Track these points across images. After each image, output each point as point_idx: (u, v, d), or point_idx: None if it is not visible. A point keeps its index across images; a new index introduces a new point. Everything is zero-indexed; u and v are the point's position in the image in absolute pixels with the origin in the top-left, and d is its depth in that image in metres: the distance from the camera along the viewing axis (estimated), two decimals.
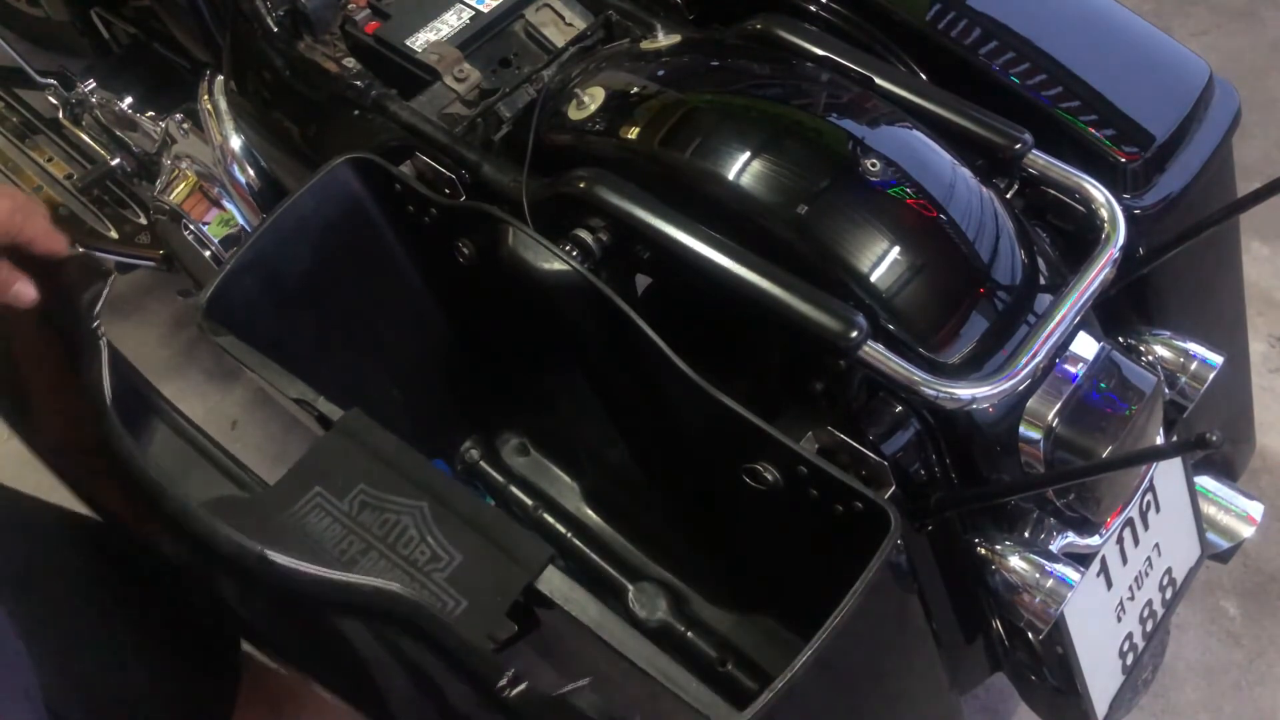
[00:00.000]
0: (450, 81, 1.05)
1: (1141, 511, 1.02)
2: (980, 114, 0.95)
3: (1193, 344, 1.04)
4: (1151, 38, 1.09)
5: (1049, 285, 0.89)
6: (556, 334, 0.93)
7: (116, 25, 1.57)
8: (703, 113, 0.92)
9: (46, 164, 1.70)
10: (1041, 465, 0.88)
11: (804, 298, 0.80)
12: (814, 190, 0.86)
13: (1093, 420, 0.86)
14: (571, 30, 1.10)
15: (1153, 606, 1.07)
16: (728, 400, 0.79)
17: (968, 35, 1.04)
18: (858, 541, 0.73)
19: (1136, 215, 0.98)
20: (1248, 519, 1.16)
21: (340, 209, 0.96)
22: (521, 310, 0.94)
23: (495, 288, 0.91)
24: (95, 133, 1.56)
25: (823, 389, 0.86)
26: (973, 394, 0.81)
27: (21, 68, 1.58)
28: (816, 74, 0.97)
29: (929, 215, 0.87)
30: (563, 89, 0.99)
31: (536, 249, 0.86)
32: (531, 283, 0.86)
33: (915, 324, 0.84)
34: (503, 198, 0.94)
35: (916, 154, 0.90)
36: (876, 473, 0.84)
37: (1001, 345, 0.85)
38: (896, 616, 0.88)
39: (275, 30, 1.11)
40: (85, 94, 1.52)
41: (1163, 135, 1.01)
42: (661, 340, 0.81)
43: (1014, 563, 0.90)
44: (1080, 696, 1.00)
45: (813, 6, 1.09)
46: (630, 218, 0.86)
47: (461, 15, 1.10)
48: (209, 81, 1.26)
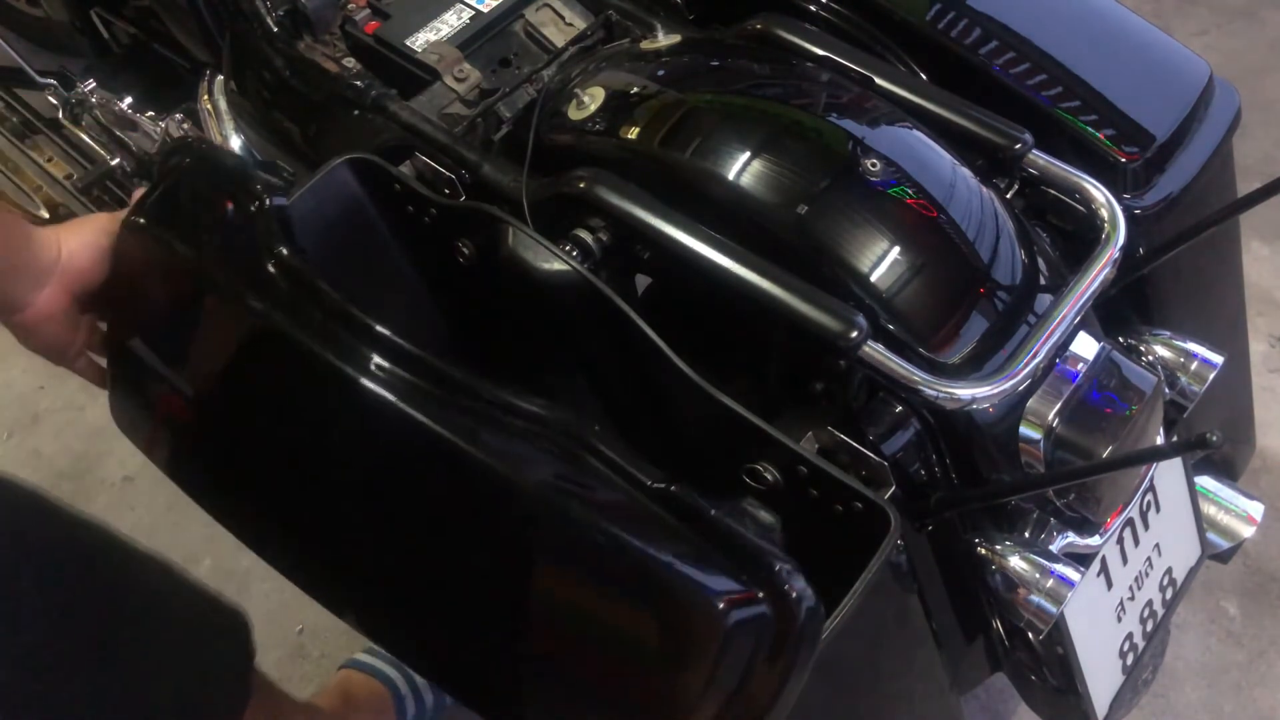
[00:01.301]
0: (450, 81, 1.05)
1: (1142, 511, 1.02)
2: (980, 114, 0.95)
3: (1193, 344, 1.04)
4: (1151, 38, 1.09)
5: (1049, 285, 0.89)
6: (556, 334, 0.93)
7: (116, 25, 1.57)
8: (703, 113, 0.92)
9: (46, 164, 1.70)
10: (1041, 465, 0.88)
11: (804, 298, 0.80)
12: (814, 190, 0.86)
13: (1093, 420, 0.86)
14: (571, 30, 1.10)
15: (1153, 606, 1.07)
16: (728, 400, 0.79)
17: (968, 35, 1.04)
18: (858, 542, 0.73)
19: (1136, 215, 0.98)
20: (1248, 519, 1.16)
21: (340, 209, 0.96)
22: (521, 310, 0.94)
23: (495, 288, 0.91)
24: (95, 133, 1.56)
25: (823, 389, 0.86)
26: (973, 394, 0.81)
27: (21, 68, 1.57)
28: (816, 74, 0.97)
29: (929, 215, 0.87)
30: (563, 89, 0.99)
31: (536, 249, 0.86)
32: (531, 283, 0.86)
33: (915, 324, 0.84)
34: (503, 198, 0.94)
35: (916, 154, 0.90)
36: (876, 473, 0.83)
37: (1001, 345, 0.85)
38: (896, 616, 0.88)
39: (275, 30, 1.11)
40: (85, 94, 1.51)
41: (1163, 135, 1.01)
42: (661, 340, 0.81)
43: (1014, 563, 0.90)
44: (1080, 696, 1.00)
45: (813, 6, 1.09)
46: (630, 218, 0.86)
47: (461, 15, 1.10)
48: (209, 81, 1.26)
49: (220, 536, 1.69)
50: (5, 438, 1.85)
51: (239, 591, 1.66)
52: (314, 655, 1.60)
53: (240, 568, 1.67)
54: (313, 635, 1.61)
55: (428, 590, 0.79)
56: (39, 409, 1.88)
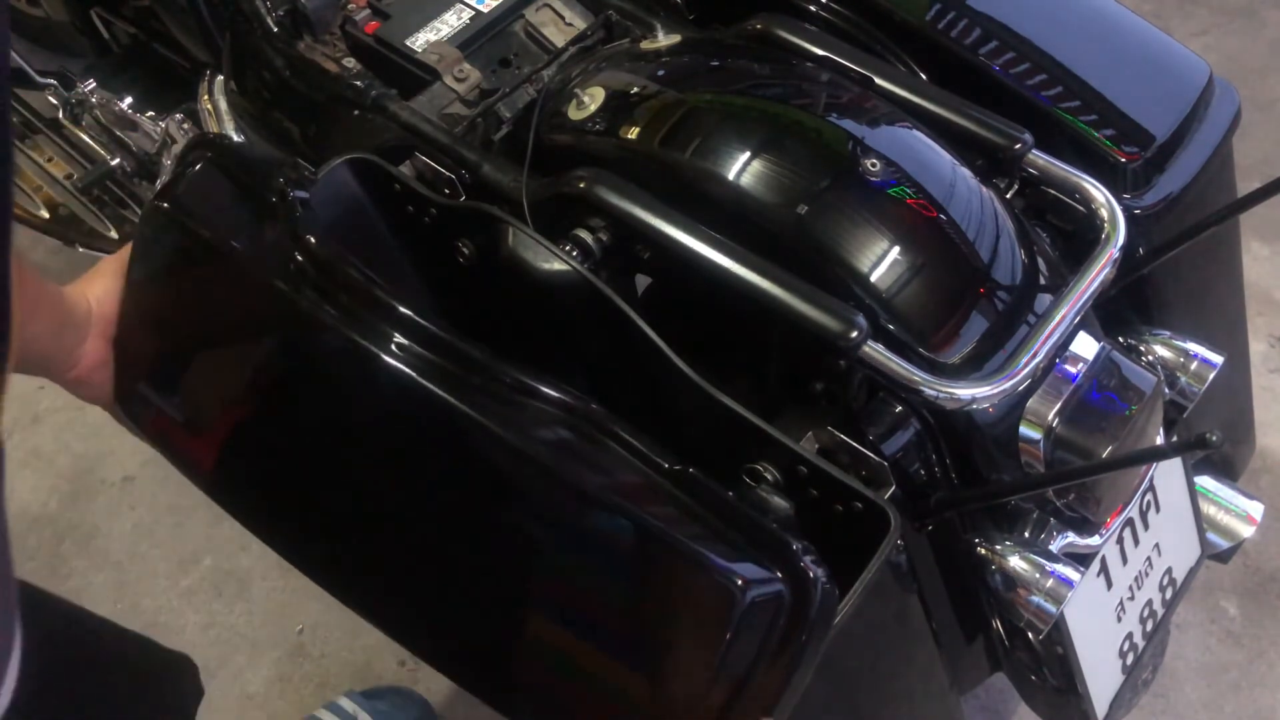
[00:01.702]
0: (450, 81, 1.05)
1: (1141, 511, 1.02)
2: (980, 114, 0.95)
3: (1193, 344, 1.04)
4: (1151, 38, 1.09)
5: (1049, 285, 0.89)
6: (556, 334, 0.93)
7: (116, 25, 1.57)
8: (703, 113, 0.92)
9: (46, 164, 1.70)
10: (1041, 465, 0.88)
11: (804, 298, 0.80)
12: (814, 190, 0.86)
13: (1093, 420, 0.86)
14: (571, 30, 1.10)
15: (1153, 606, 1.07)
16: (728, 400, 0.79)
17: (968, 35, 1.04)
18: (858, 541, 0.73)
19: (1136, 215, 0.98)
20: (1248, 519, 1.16)
21: (340, 209, 0.96)
22: (522, 310, 0.94)
23: (495, 288, 0.91)
24: (95, 133, 1.56)
25: (823, 389, 0.86)
26: (973, 394, 0.81)
27: (21, 68, 1.57)
28: (816, 74, 0.97)
29: (929, 215, 0.87)
30: (563, 89, 0.99)
31: (536, 249, 0.86)
32: (531, 283, 0.86)
33: (915, 324, 0.84)
34: (503, 198, 0.94)
35: (916, 154, 0.90)
36: (876, 473, 0.83)
37: (1001, 345, 0.85)
38: (896, 616, 0.88)
39: (275, 30, 1.11)
40: (85, 94, 1.51)
41: (1163, 135, 1.01)
42: (661, 340, 0.81)
43: (1014, 563, 0.90)
44: (1080, 696, 1.00)
45: (813, 6, 1.09)
46: (630, 218, 0.86)
47: (461, 15, 1.10)
48: (209, 81, 1.26)
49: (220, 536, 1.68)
50: (5, 438, 1.85)
51: (239, 591, 1.66)
52: (314, 655, 1.60)
53: (240, 567, 1.67)
54: (313, 635, 1.61)
55: (447, 573, 0.80)
56: (39, 409, 1.89)
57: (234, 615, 1.64)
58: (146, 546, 1.72)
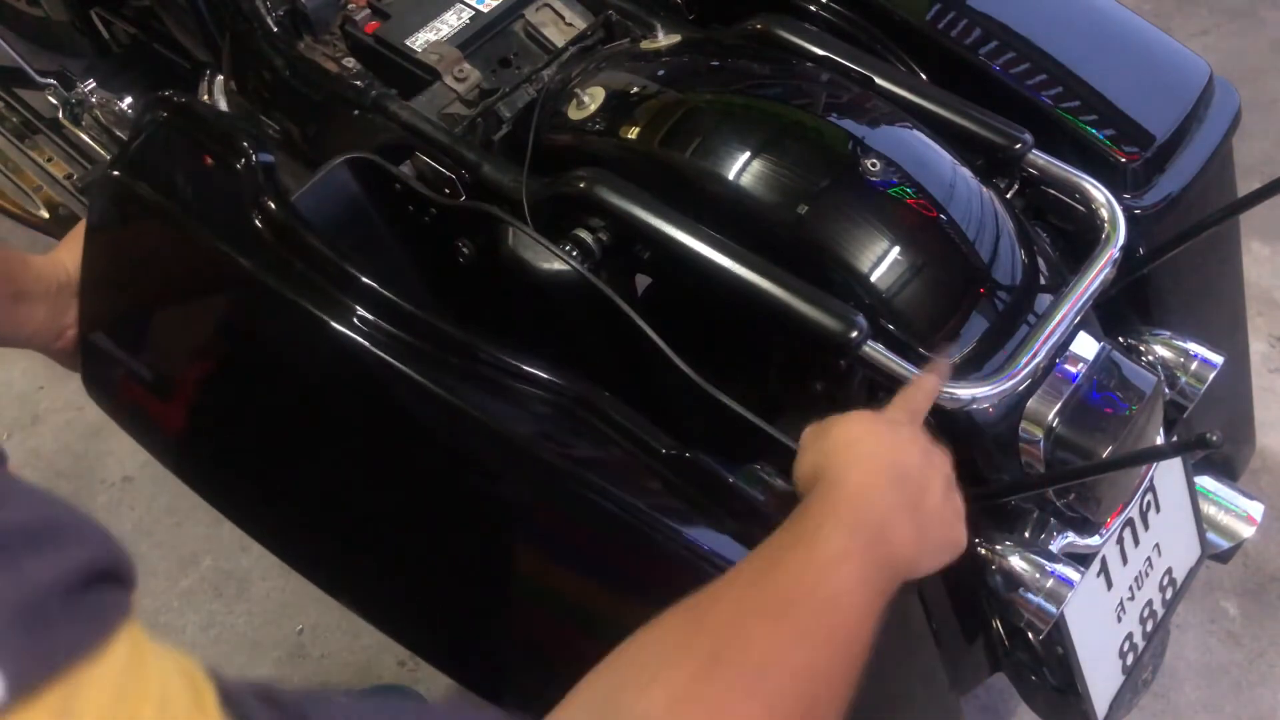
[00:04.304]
0: (450, 81, 1.05)
1: (1141, 511, 1.02)
2: (980, 114, 0.95)
3: (1193, 344, 1.04)
4: (1151, 38, 1.09)
5: (1049, 285, 0.89)
6: (556, 333, 0.93)
7: (116, 25, 1.57)
8: (703, 113, 0.92)
9: (46, 164, 1.70)
10: (1041, 465, 0.88)
11: (804, 297, 0.80)
12: (814, 190, 0.86)
13: (1093, 420, 0.86)
14: (571, 30, 1.10)
15: (1153, 606, 1.07)
16: (728, 400, 0.79)
17: (968, 35, 1.04)
18: None
19: (1136, 215, 0.98)
20: (1248, 519, 1.16)
21: (340, 208, 0.96)
22: (521, 310, 0.94)
23: (495, 287, 0.91)
24: (95, 133, 1.56)
25: (823, 389, 0.86)
26: (973, 394, 0.81)
27: (21, 68, 1.57)
28: (816, 74, 0.97)
29: (929, 215, 0.87)
30: (563, 89, 0.99)
31: (536, 249, 0.86)
32: (531, 282, 0.86)
33: (915, 324, 0.84)
34: (503, 198, 0.94)
35: (916, 154, 0.90)
36: None
37: (1001, 345, 0.85)
38: (896, 616, 0.88)
39: (275, 30, 1.11)
40: (85, 94, 1.51)
41: (1163, 135, 1.01)
42: (662, 340, 0.81)
43: (1014, 563, 0.90)
44: (1080, 696, 1.00)
45: (813, 6, 1.09)
46: (630, 218, 0.86)
47: (461, 15, 1.10)
48: (209, 81, 1.26)
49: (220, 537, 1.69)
50: (5, 438, 1.85)
51: (239, 592, 1.66)
52: (314, 655, 1.60)
53: (240, 568, 1.67)
54: (313, 635, 1.61)
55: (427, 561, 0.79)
56: (39, 409, 1.89)
57: (234, 615, 1.64)
58: (146, 547, 1.72)
